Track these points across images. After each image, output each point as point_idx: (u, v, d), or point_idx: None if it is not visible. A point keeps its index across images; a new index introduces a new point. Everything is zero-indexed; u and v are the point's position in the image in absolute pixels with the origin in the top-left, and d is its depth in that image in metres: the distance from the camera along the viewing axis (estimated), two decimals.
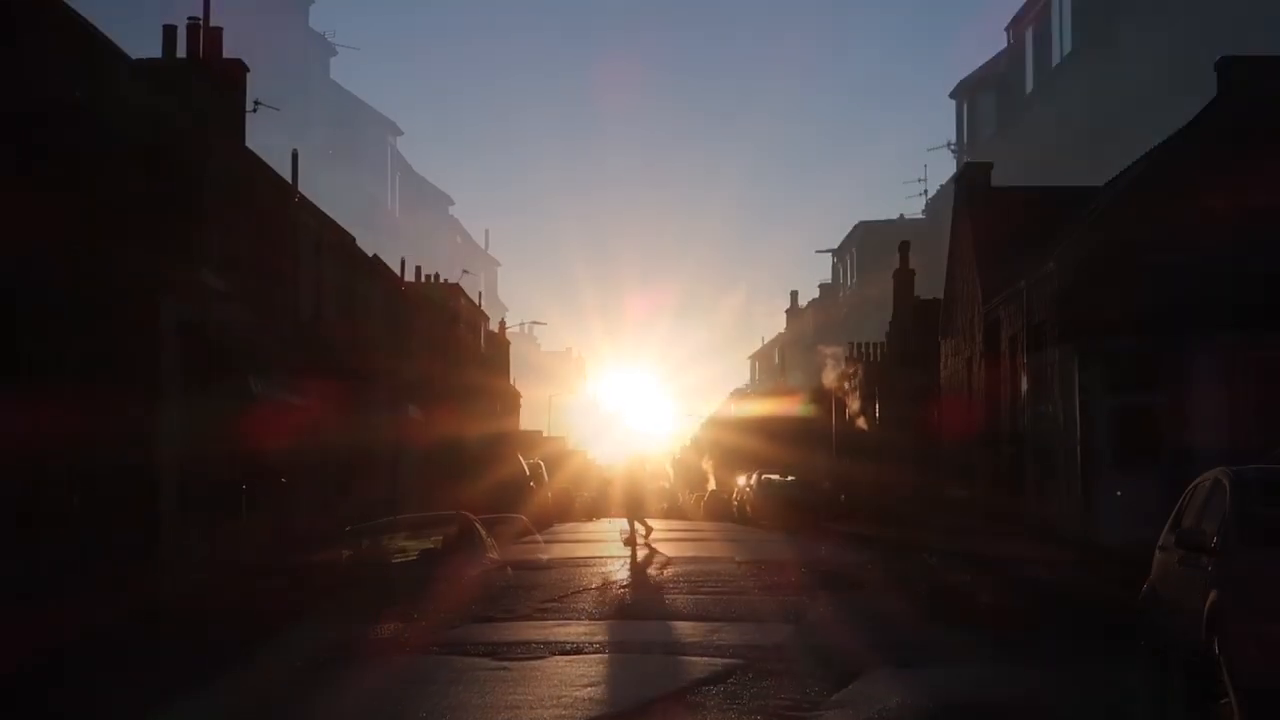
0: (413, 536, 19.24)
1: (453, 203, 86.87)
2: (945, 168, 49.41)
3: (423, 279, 50.47)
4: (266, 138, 26.25)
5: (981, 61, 35.96)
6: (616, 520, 27.70)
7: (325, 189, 34.67)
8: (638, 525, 21.05)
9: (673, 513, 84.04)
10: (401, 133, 72.23)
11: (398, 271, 35.39)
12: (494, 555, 17.39)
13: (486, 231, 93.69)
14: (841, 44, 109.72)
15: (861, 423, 37.86)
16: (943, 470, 27.99)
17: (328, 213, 27.86)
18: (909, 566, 16.64)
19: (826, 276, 52.19)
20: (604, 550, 19.82)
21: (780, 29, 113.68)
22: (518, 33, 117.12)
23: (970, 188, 25.75)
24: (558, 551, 19.68)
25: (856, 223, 42.80)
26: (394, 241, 53.06)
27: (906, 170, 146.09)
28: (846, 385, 40.39)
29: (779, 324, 70.02)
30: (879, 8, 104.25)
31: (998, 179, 25.60)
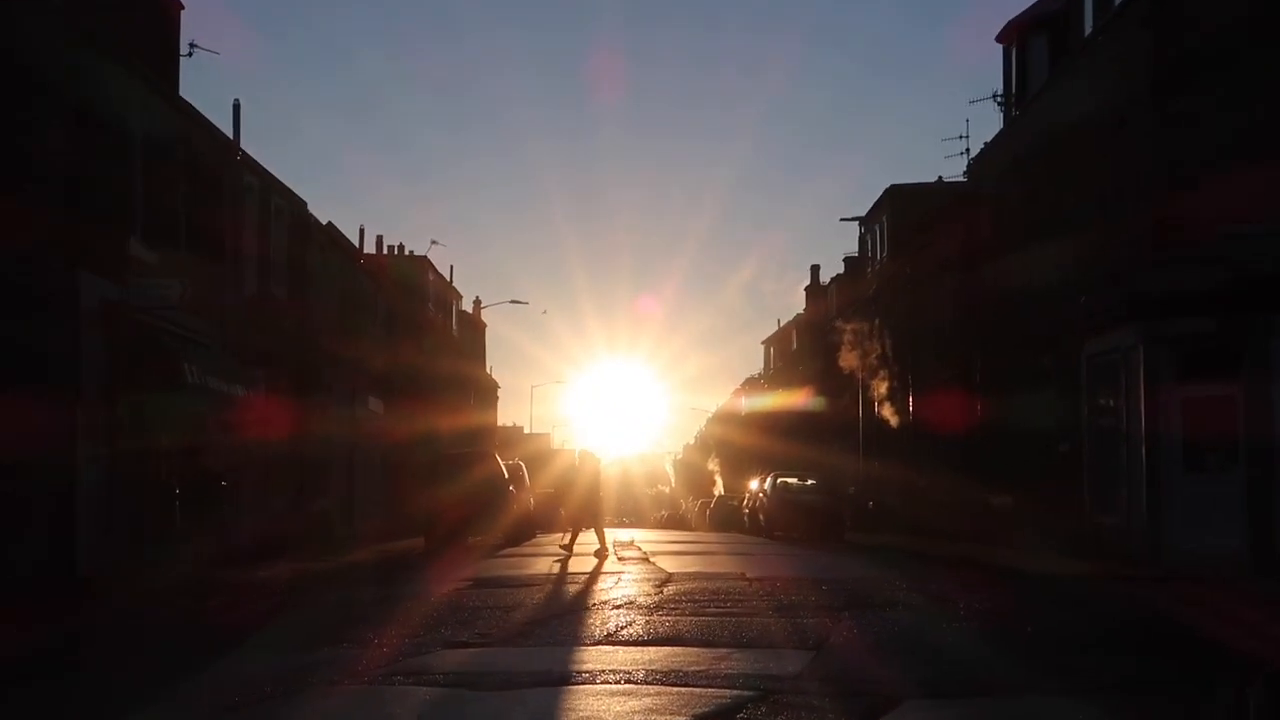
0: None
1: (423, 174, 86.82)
2: (990, 123, 49.17)
3: (385, 250, 50.48)
4: (204, 90, 26.11)
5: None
6: (608, 530, 27.55)
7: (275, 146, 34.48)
8: (577, 536, 20.96)
9: (673, 522, 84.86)
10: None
11: (355, 241, 35.26)
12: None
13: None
14: None
15: (891, 416, 37.82)
16: (986, 472, 27.95)
17: (275, 174, 27.72)
18: (947, 583, 16.54)
19: (852, 248, 52.23)
20: (595, 564, 19.64)
21: None
22: None
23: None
24: (541, 565, 19.61)
25: (887, 186, 42.66)
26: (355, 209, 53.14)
27: (945, 126, 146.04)
28: (871, 370, 40.33)
29: (797, 303, 70.19)
30: None
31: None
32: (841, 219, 51.88)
